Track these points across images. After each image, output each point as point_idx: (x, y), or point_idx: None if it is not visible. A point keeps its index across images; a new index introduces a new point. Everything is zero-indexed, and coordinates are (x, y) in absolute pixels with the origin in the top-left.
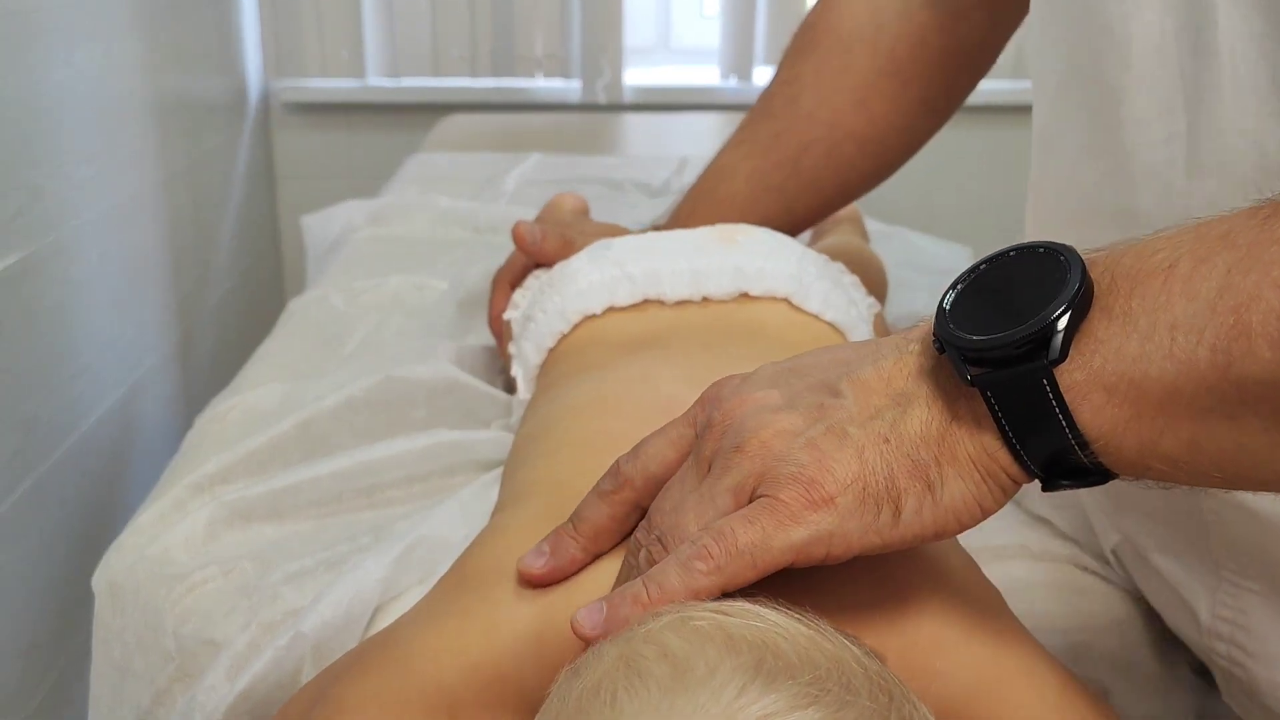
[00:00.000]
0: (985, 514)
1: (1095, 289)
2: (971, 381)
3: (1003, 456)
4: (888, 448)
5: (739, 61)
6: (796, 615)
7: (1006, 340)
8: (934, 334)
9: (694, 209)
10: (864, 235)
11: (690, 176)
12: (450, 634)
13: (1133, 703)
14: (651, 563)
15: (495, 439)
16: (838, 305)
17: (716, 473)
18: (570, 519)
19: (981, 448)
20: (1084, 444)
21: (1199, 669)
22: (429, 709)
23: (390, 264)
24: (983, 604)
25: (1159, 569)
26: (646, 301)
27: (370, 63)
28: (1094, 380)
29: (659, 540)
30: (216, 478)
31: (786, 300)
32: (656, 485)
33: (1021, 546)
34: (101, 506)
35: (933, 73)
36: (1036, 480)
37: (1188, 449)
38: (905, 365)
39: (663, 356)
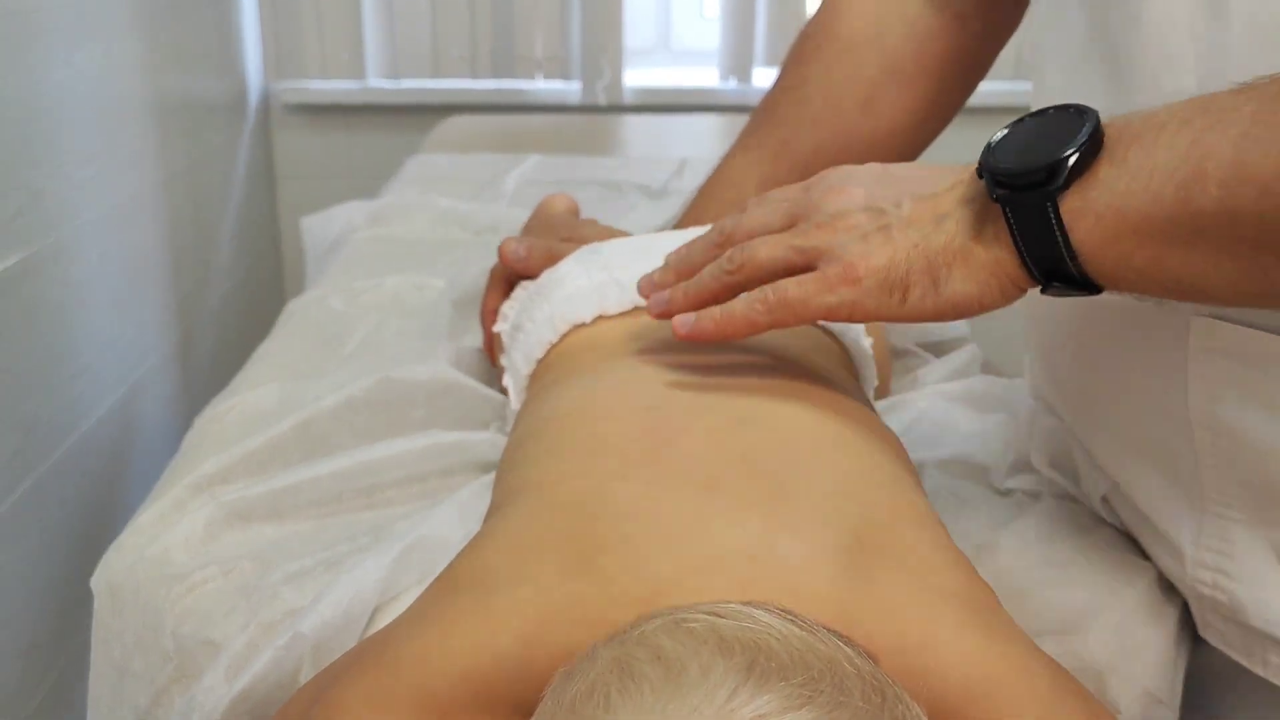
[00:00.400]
0: (983, 308)
1: (1105, 140)
2: (995, 198)
3: (1011, 264)
4: (915, 251)
5: (739, 63)
6: (790, 617)
7: (1026, 169)
8: (978, 163)
9: (700, 217)
10: None
11: (690, 178)
12: (439, 640)
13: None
14: (726, 279)
15: (493, 440)
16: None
17: (795, 233)
18: (672, 253)
19: (994, 258)
20: (1074, 256)
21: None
22: (419, 713)
23: (390, 265)
24: (975, 602)
25: (1145, 510)
26: (638, 309)
27: (370, 64)
28: (1088, 207)
29: (738, 261)
30: (215, 478)
31: None
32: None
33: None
34: (102, 507)
35: (936, 74)
36: (1037, 287)
37: (1152, 264)
38: (954, 193)
39: (652, 360)
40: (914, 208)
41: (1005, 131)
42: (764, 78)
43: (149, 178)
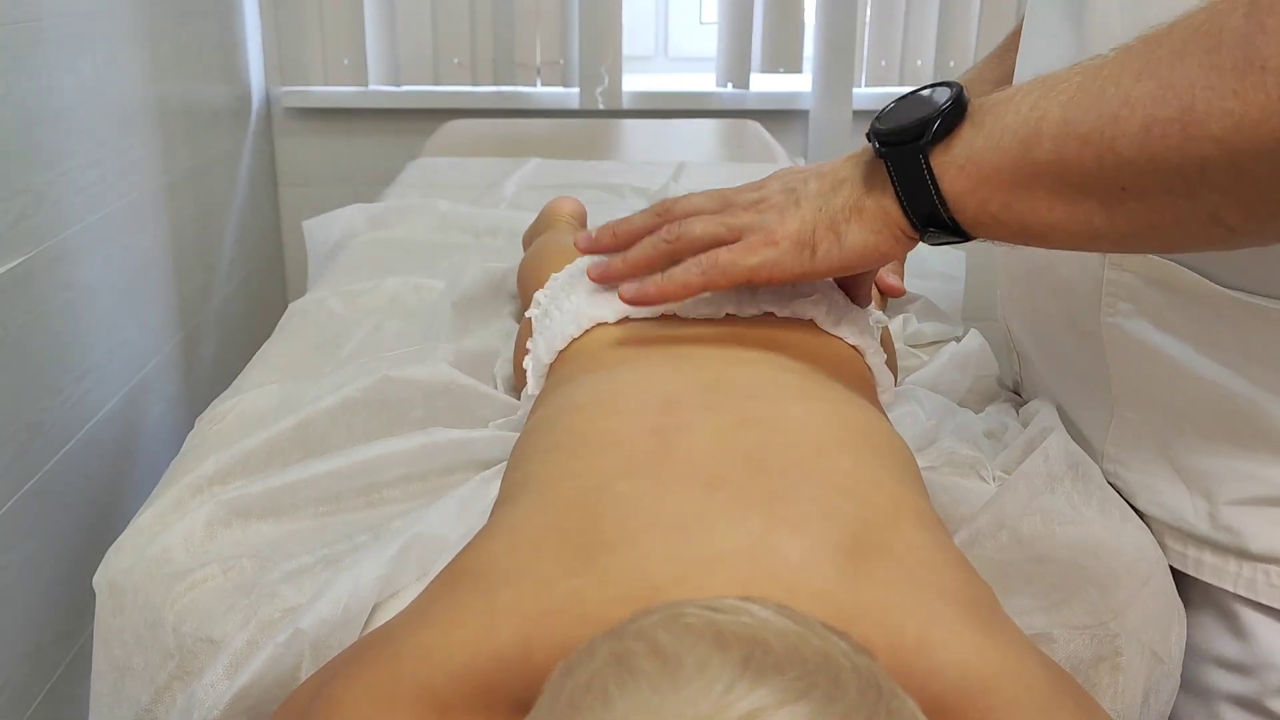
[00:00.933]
0: (884, 257)
1: (969, 109)
2: (878, 153)
3: (895, 212)
4: (820, 215)
5: (736, 69)
6: (786, 612)
7: (902, 127)
8: (867, 132)
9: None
10: None
11: (687, 181)
12: (440, 635)
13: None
14: (664, 248)
15: (492, 438)
16: (859, 328)
17: (724, 214)
18: (614, 222)
19: (882, 207)
20: (944, 203)
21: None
22: (418, 709)
23: (390, 268)
24: (972, 602)
25: (1070, 415)
26: (665, 316)
27: (372, 70)
28: (951, 161)
29: (675, 234)
30: (215, 478)
31: (812, 321)
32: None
33: None
34: (105, 507)
35: None
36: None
37: (1003, 210)
38: (849, 162)
39: (671, 358)
40: (818, 182)
41: (891, 105)
42: (761, 83)
43: (152, 181)
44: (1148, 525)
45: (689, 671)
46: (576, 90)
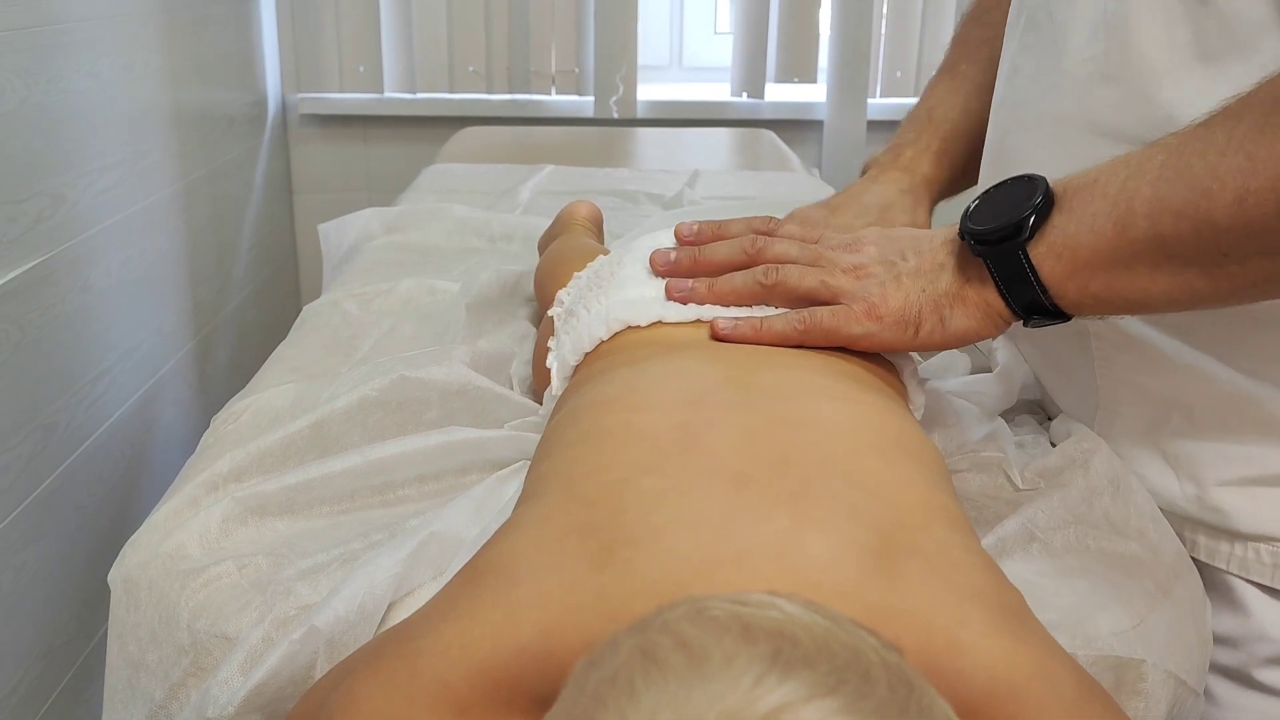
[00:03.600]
0: (980, 338)
1: (1055, 196)
2: (976, 254)
3: (997, 302)
4: (924, 295)
5: (751, 79)
6: (813, 607)
7: (998, 228)
8: (959, 227)
9: (904, 140)
10: None
11: (702, 189)
12: (459, 633)
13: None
14: (758, 290)
15: (508, 438)
16: None
17: (824, 272)
18: (695, 249)
19: (983, 298)
20: (1044, 290)
21: None
22: (436, 707)
23: (405, 271)
24: (1001, 606)
25: (1062, 406)
26: (700, 321)
27: (388, 79)
28: (1049, 250)
29: (773, 280)
30: (230, 476)
31: None
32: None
33: None
34: (119, 508)
35: None
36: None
37: (1105, 289)
38: (945, 248)
39: (701, 356)
40: (917, 261)
41: (977, 202)
42: (776, 93)
43: (169, 186)
44: None
45: (716, 665)
46: (591, 99)
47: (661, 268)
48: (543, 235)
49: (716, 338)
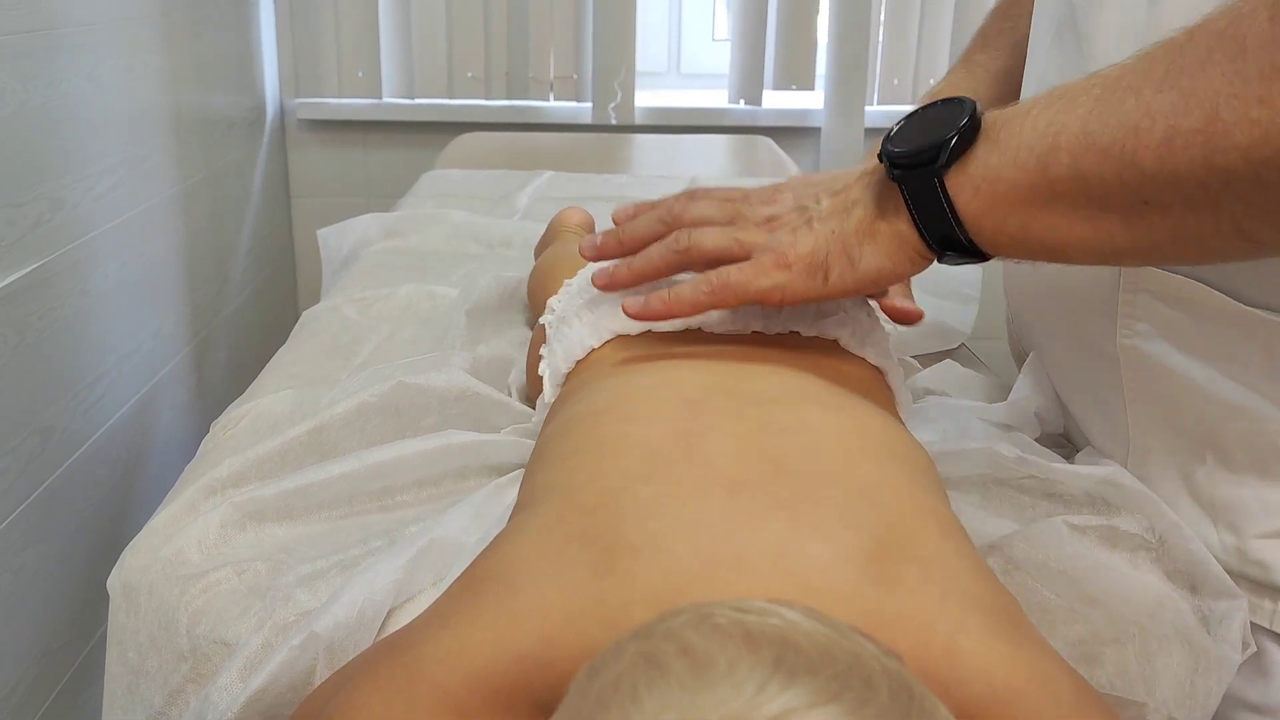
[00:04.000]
0: (899, 277)
1: (983, 126)
2: (892, 178)
3: (911, 235)
4: (833, 237)
5: (749, 86)
6: (815, 614)
7: (916, 150)
8: (878, 151)
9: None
10: None
11: None
12: (459, 639)
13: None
14: (671, 258)
15: (507, 443)
16: (882, 349)
17: (736, 228)
18: (618, 228)
19: (897, 231)
20: (960, 224)
21: None
22: (436, 713)
23: (404, 276)
24: (997, 610)
25: (1090, 438)
26: (689, 329)
27: (386, 84)
28: (967, 181)
29: (684, 244)
30: (229, 481)
31: (835, 341)
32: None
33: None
34: (115, 514)
35: None
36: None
37: (1021, 229)
38: (860, 182)
39: (692, 367)
40: (830, 201)
41: (901, 123)
42: (773, 100)
43: (168, 189)
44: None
45: (720, 671)
46: (589, 105)
47: (588, 253)
48: (538, 243)
49: (632, 316)
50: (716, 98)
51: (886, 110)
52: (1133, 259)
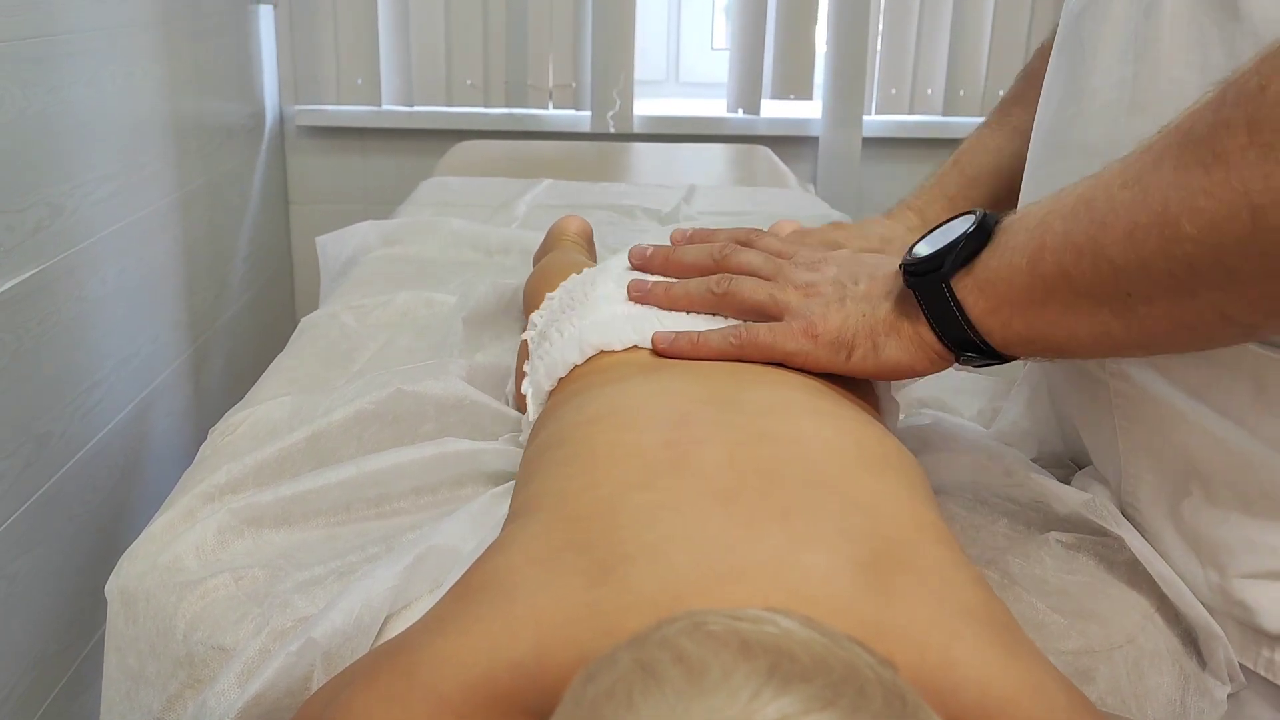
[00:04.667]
0: (917, 374)
1: (995, 230)
2: (908, 285)
3: (930, 338)
4: (862, 320)
5: (747, 95)
6: (810, 623)
7: (923, 259)
8: (901, 263)
9: (949, 179)
10: None
11: (699, 204)
12: (455, 647)
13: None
14: (709, 298)
15: (505, 451)
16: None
17: (776, 287)
18: (669, 248)
19: (917, 332)
20: (971, 325)
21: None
22: (431, 719)
23: (402, 284)
24: (992, 621)
25: (1098, 470)
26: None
27: (385, 91)
28: (974, 284)
29: (724, 289)
30: (227, 487)
31: None
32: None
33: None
34: (111, 520)
35: None
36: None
37: (1027, 328)
38: (894, 278)
39: (682, 374)
40: (868, 286)
41: (926, 233)
42: (772, 109)
43: (166, 196)
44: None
45: (714, 679)
46: (588, 113)
47: (635, 261)
48: (537, 250)
49: (658, 353)
50: (715, 107)
51: (884, 120)
52: (1136, 351)
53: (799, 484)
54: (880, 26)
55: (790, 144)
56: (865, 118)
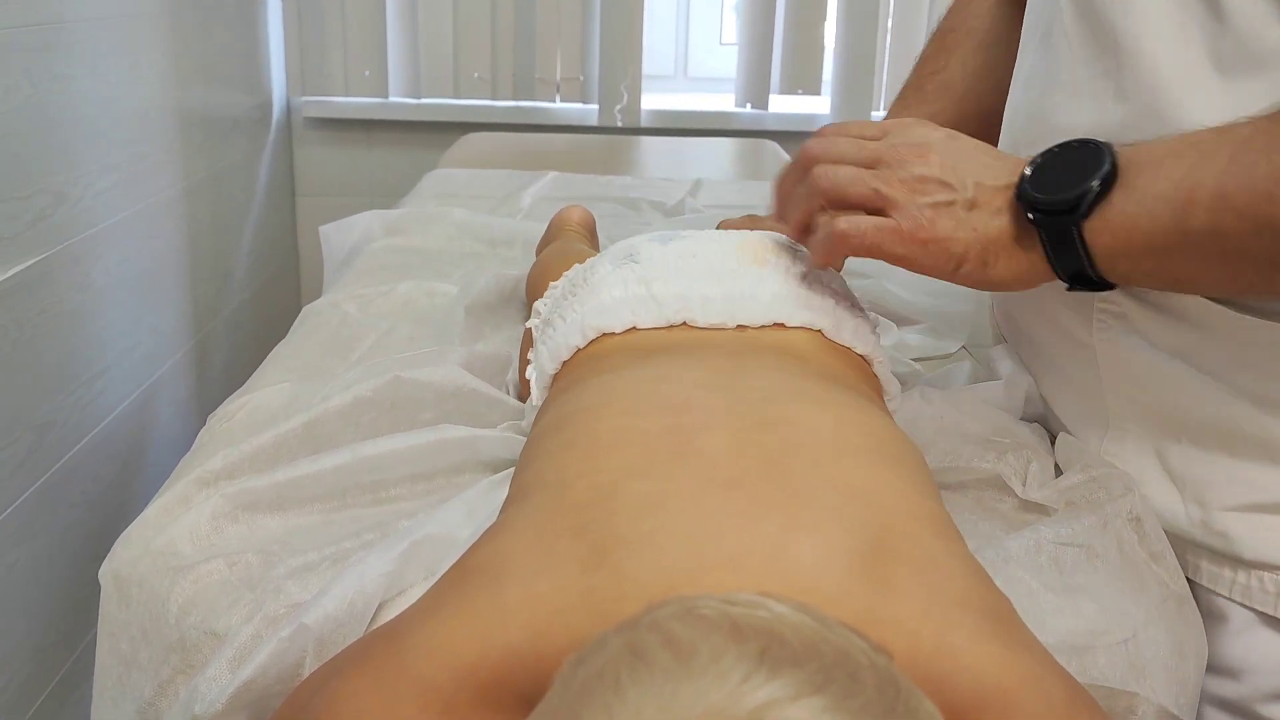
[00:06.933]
0: (1020, 288)
1: (1120, 169)
2: (1031, 221)
3: (1043, 265)
4: (973, 235)
5: (756, 90)
6: (803, 608)
7: (1055, 201)
8: (1015, 189)
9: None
10: None
11: (704, 197)
12: (447, 633)
13: None
14: (807, 203)
15: (501, 438)
16: (866, 337)
17: (878, 176)
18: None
19: (1031, 260)
20: (1093, 265)
21: None
22: (423, 706)
23: (405, 274)
24: (989, 611)
25: (1066, 424)
26: (671, 326)
27: (393, 83)
28: (1105, 226)
29: (820, 185)
30: (223, 473)
31: (820, 332)
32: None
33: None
34: (111, 510)
35: None
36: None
37: (1156, 269)
38: (1007, 194)
39: (682, 360)
40: (977, 193)
41: (1039, 163)
42: (780, 104)
43: (171, 187)
44: None
45: (704, 662)
46: (596, 107)
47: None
48: (540, 241)
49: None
50: (723, 101)
51: None
52: (1269, 297)
53: (799, 473)
54: (889, 22)
55: (798, 139)
56: (874, 113)
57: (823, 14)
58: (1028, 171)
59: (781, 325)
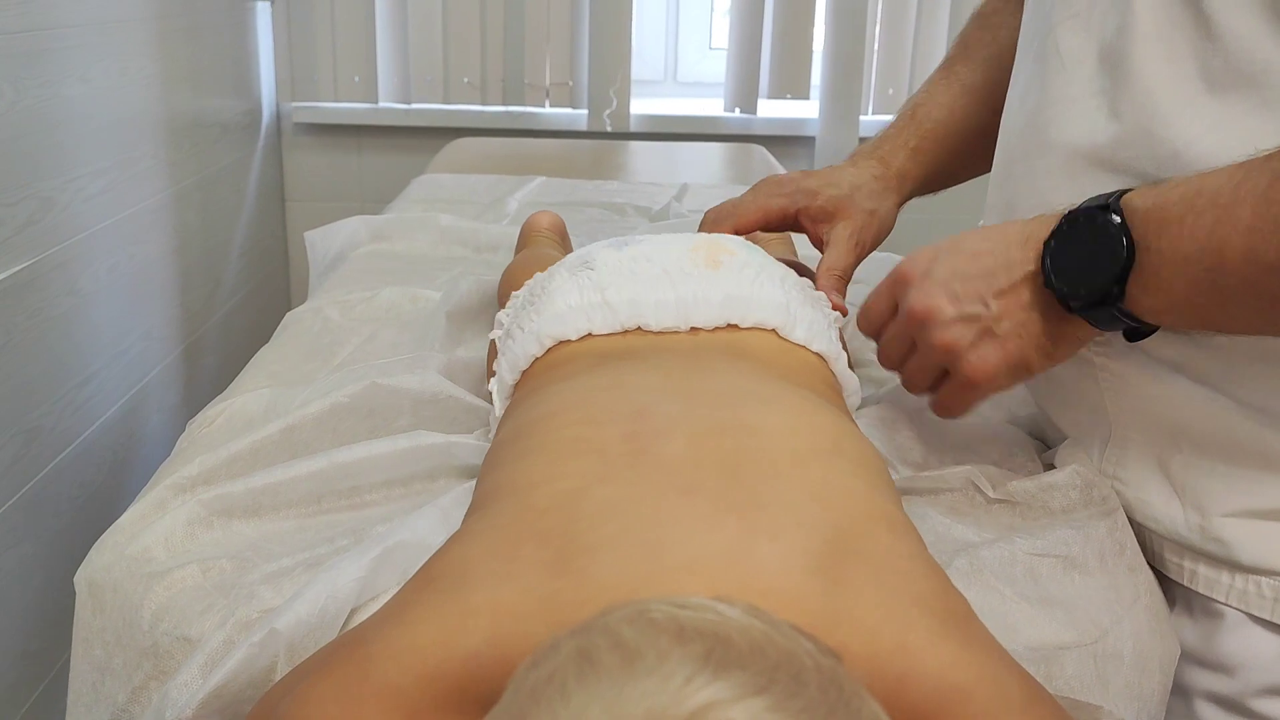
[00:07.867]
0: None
1: (1137, 237)
2: (1072, 311)
3: (1094, 333)
4: (1022, 341)
5: (744, 95)
6: (753, 611)
7: (1091, 294)
8: (1042, 278)
9: (904, 129)
10: (793, 253)
11: (690, 202)
12: (412, 638)
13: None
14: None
15: (478, 445)
16: (822, 335)
17: (918, 356)
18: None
19: (1082, 334)
20: (1139, 322)
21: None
22: (387, 711)
23: (389, 279)
24: (950, 612)
25: (1067, 432)
26: (626, 331)
27: (382, 88)
28: (1143, 290)
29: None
30: (199, 479)
31: (774, 331)
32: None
33: None
34: (99, 515)
35: None
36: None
37: (1196, 319)
38: (1029, 285)
39: (638, 366)
40: (1000, 304)
41: (1055, 246)
42: (768, 109)
43: (160, 192)
44: (1143, 536)
45: (649, 664)
46: (585, 112)
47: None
48: (516, 246)
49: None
50: (712, 106)
51: (881, 120)
52: None
53: (756, 475)
54: (877, 27)
55: (787, 143)
56: (862, 118)
57: (811, 18)
58: (1048, 263)
59: (735, 326)
